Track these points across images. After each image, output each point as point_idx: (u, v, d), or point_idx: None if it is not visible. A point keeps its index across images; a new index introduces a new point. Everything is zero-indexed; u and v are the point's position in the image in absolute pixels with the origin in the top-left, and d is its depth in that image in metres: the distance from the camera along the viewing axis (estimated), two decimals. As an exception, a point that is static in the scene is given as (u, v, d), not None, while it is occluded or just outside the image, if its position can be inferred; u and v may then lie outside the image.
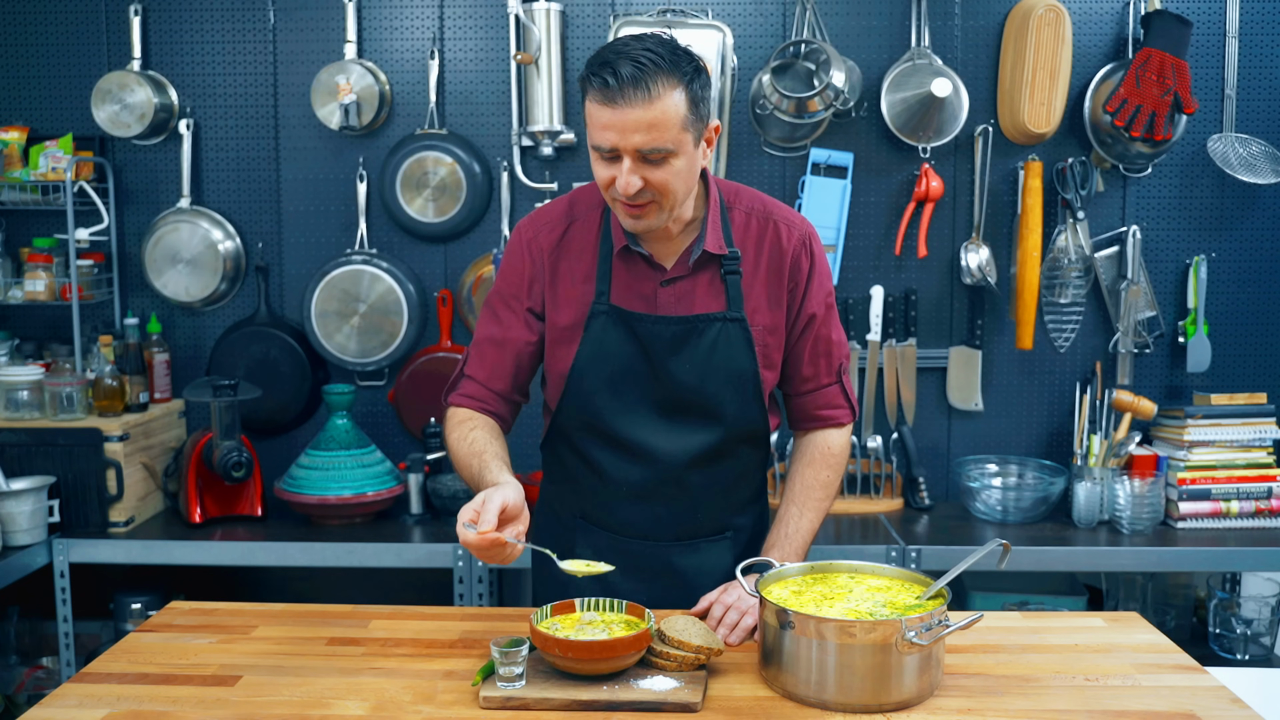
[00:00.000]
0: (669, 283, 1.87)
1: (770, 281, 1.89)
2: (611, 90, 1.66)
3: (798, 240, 1.90)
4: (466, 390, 1.95)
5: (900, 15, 3.18)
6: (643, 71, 1.65)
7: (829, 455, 1.99)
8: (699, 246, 1.85)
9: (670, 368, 1.87)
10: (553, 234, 1.91)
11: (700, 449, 1.91)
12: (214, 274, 3.26)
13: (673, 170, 1.71)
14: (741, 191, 1.93)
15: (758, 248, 1.89)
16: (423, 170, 3.20)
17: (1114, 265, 3.22)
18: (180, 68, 3.28)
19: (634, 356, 1.87)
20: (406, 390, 3.29)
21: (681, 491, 1.93)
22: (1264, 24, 3.18)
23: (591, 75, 1.68)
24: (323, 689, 1.63)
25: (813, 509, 1.96)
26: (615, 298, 1.87)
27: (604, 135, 1.69)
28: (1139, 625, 1.90)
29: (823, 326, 1.94)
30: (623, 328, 1.87)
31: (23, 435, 2.93)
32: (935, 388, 3.30)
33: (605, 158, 1.72)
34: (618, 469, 1.92)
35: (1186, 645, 2.29)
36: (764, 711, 1.55)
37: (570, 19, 3.20)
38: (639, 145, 1.67)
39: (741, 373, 1.88)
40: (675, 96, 1.68)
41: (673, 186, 1.73)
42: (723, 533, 2.00)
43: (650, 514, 1.94)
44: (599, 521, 1.98)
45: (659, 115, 1.66)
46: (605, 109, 1.67)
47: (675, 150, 1.70)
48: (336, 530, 2.99)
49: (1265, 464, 3.04)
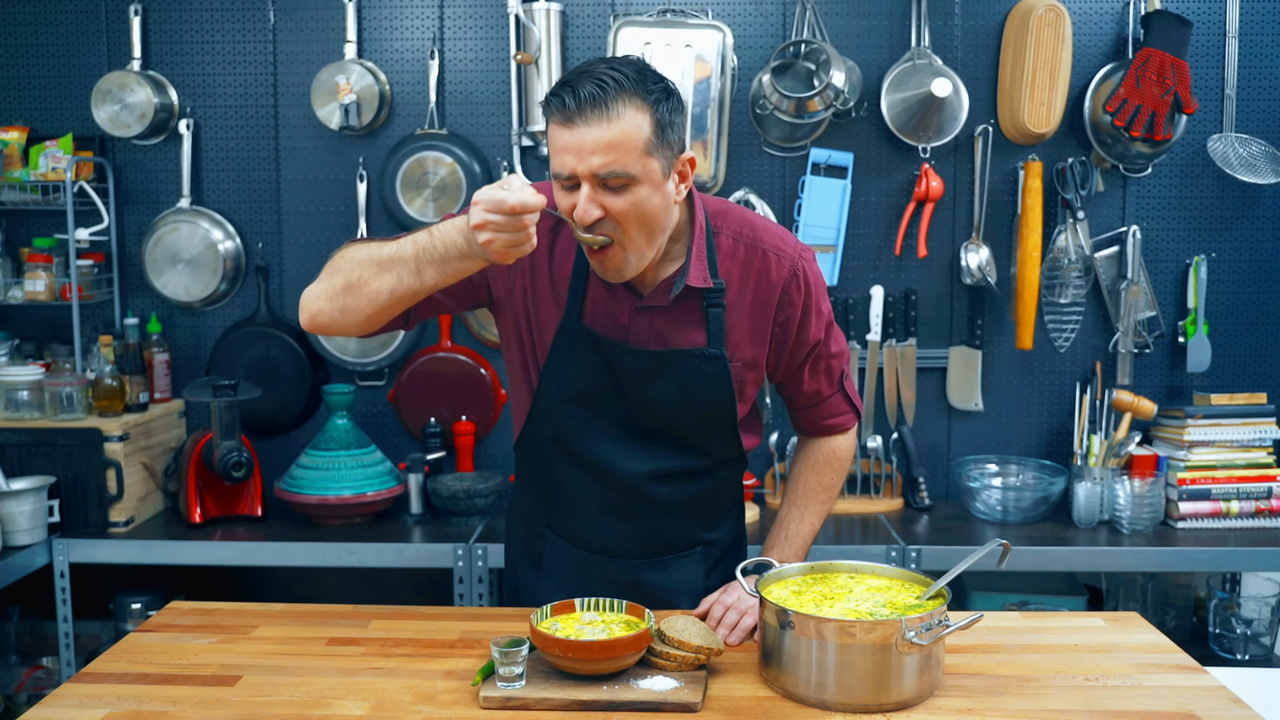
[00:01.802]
0: (645, 309, 1.77)
1: (755, 315, 1.80)
2: (569, 110, 1.56)
3: (788, 272, 1.79)
4: None
5: (900, 15, 3.18)
6: (604, 90, 1.56)
7: (834, 459, 1.99)
8: (681, 279, 1.73)
9: (642, 396, 1.79)
10: (545, 221, 1.76)
11: (667, 469, 1.85)
12: (214, 274, 3.26)
13: (634, 200, 1.59)
14: (729, 212, 1.81)
15: (743, 278, 1.78)
16: (423, 170, 3.20)
17: (1114, 265, 3.22)
18: (180, 68, 3.28)
19: (603, 378, 1.79)
20: (406, 390, 3.29)
21: (649, 509, 1.86)
22: (1264, 24, 3.18)
23: (551, 96, 1.59)
24: (323, 689, 1.63)
25: (814, 511, 1.96)
26: (588, 318, 1.77)
27: (562, 160, 1.59)
28: (1139, 625, 1.90)
29: (824, 347, 1.89)
30: (592, 351, 1.78)
31: (23, 435, 2.93)
32: (935, 388, 3.30)
33: (565, 186, 1.61)
34: (583, 484, 1.86)
35: (1186, 645, 2.28)
36: (764, 711, 1.55)
37: (570, 19, 3.20)
38: (596, 169, 1.56)
39: (716, 404, 1.81)
40: (638, 118, 1.57)
41: (632, 220, 1.61)
42: (691, 548, 1.94)
43: (617, 531, 1.89)
44: (565, 534, 1.93)
45: (618, 136, 1.56)
46: (564, 130, 1.57)
47: (638, 177, 1.59)
48: (336, 530, 2.99)
49: (1265, 464, 3.04)
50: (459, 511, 3.06)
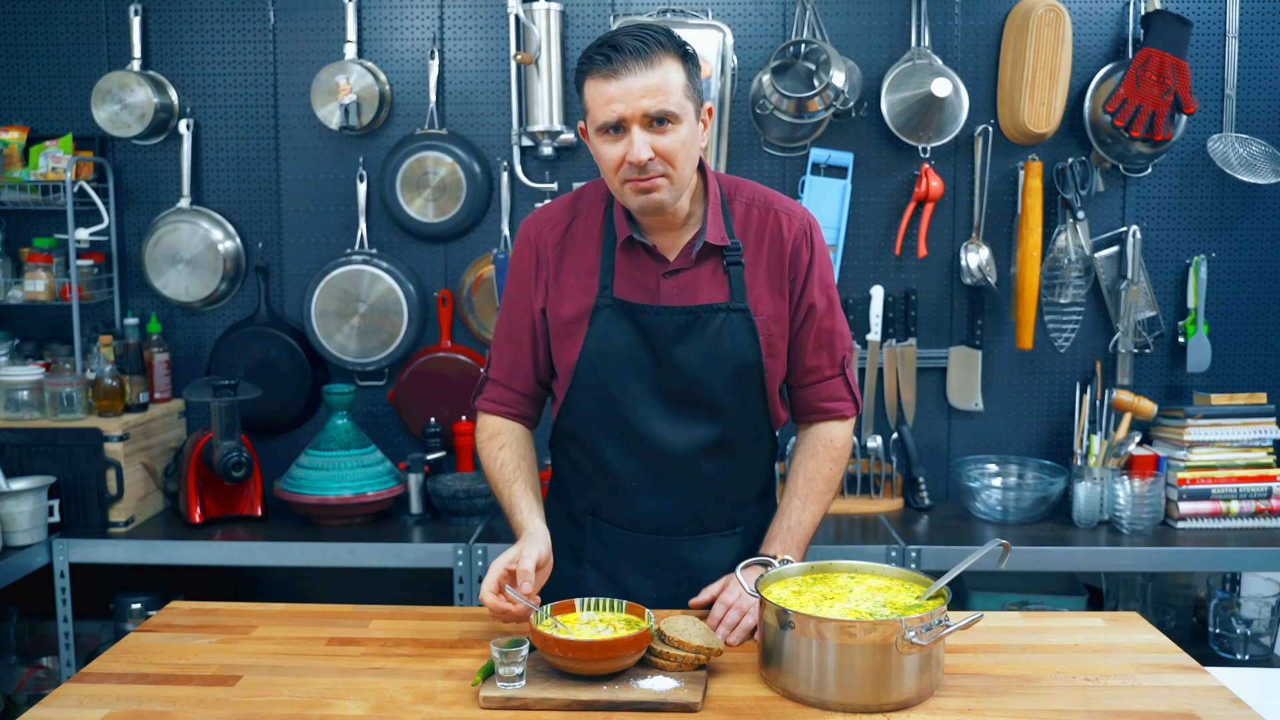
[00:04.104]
0: (672, 274, 1.88)
1: (772, 271, 1.91)
2: (615, 64, 1.72)
3: (799, 230, 1.92)
4: (491, 395, 2.01)
5: (900, 15, 3.18)
6: (645, 45, 1.73)
7: (831, 448, 1.99)
8: (701, 238, 1.87)
9: (675, 358, 1.88)
10: (556, 229, 1.94)
11: (708, 440, 1.92)
12: (214, 274, 3.26)
13: (679, 138, 1.76)
14: (741, 185, 1.95)
15: (758, 238, 1.91)
16: (423, 170, 3.20)
17: (1114, 265, 3.22)
18: (180, 68, 3.28)
19: (638, 348, 1.88)
20: (406, 390, 3.29)
21: (691, 483, 1.94)
22: (1264, 24, 3.18)
23: (593, 55, 1.74)
24: (323, 689, 1.63)
25: (815, 501, 1.96)
26: (618, 290, 1.88)
27: (610, 109, 1.73)
28: (1139, 625, 1.90)
29: (825, 318, 1.94)
30: (627, 320, 1.88)
31: (23, 435, 2.94)
32: (935, 388, 3.30)
33: (612, 135, 1.76)
34: (627, 462, 1.93)
35: (1186, 645, 2.28)
36: (764, 711, 1.55)
37: (570, 19, 3.20)
38: (647, 109, 1.72)
39: (746, 363, 1.89)
40: (674, 67, 1.75)
41: (679, 156, 1.76)
42: (733, 528, 2.00)
43: (660, 507, 1.95)
44: (610, 517, 1.99)
45: (662, 80, 1.73)
46: (609, 82, 1.73)
47: (680, 115, 1.75)
48: (336, 530, 2.99)
49: (1265, 464, 3.04)
50: (459, 511, 3.06)
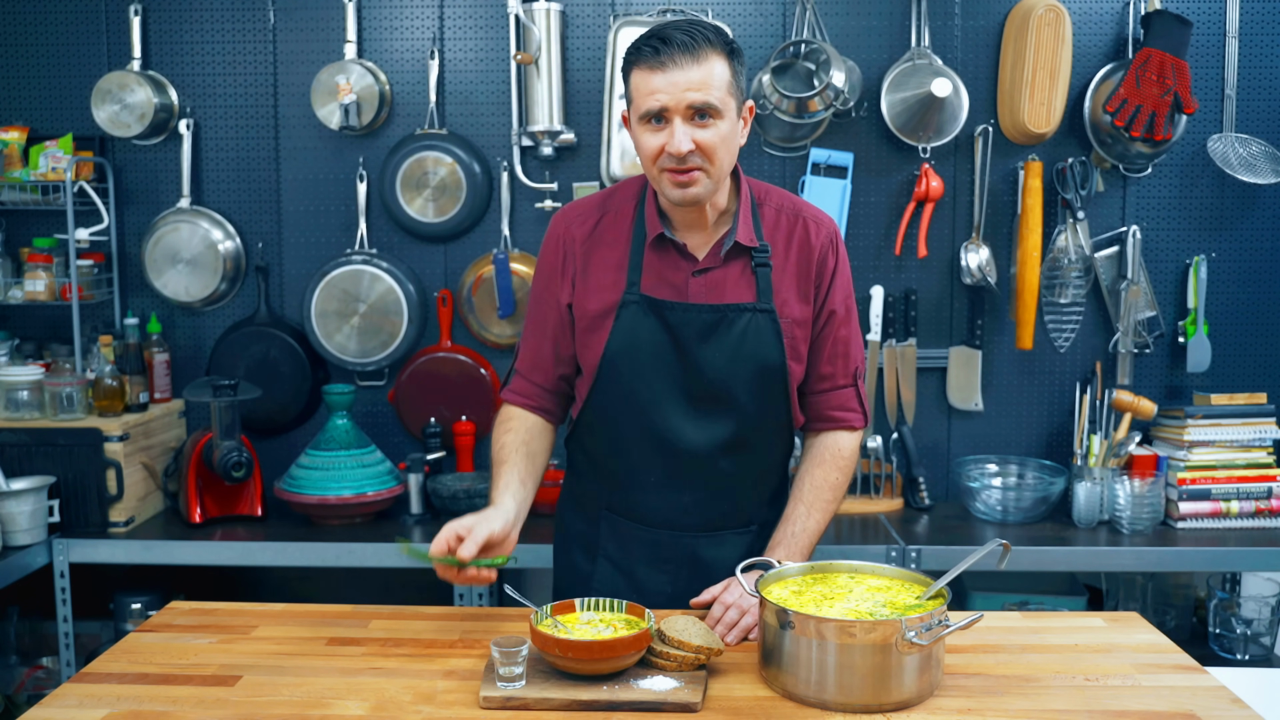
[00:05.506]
0: (700, 273, 1.90)
1: (799, 276, 1.93)
2: (662, 56, 1.75)
3: (825, 237, 1.95)
4: (515, 386, 2.04)
5: (900, 15, 3.18)
6: (694, 39, 1.75)
7: (839, 457, 2.01)
8: (730, 238, 1.90)
9: (699, 356, 1.89)
10: (585, 225, 1.96)
11: (727, 437, 1.93)
12: (214, 274, 3.26)
13: (719, 134, 1.77)
14: (771, 190, 1.99)
15: (787, 243, 1.94)
16: (423, 170, 3.20)
17: (1114, 265, 3.22)
18: (180, 68, 3.28)
19: (664, 345, 1.90)
20: (406, 390, 3.29)
21: (708, 480, 1.96)
22: (1264, 24, 3.18)
23: (641, 46, 1.77)
24: (323, 689, 1.63)
25: (820, 509, 1.97)
26: (646, 287, 1.91)
27: (654, 99, 1.76)
28: (1139, 625, 1.90)
29: (842, 326, 1.97)
30: (653, 317, 1.90)
31: (23, 435, 2.93)
32: (935, 388, 3.30)
33: (654, 125, 1.78)
34: (646, 457, 1.95)
35: (1186, 645, 2.28)
36: (764, 711, 1.55)
37: (570, 19, 3.20)
38: (691, 102, 1.74)
39: (769, 363, 1.91)
40: (720, 63, 1.77)
41: (719, 151, 1.78)
42: (748, 525, 2.02)
43: (677, 502, 1.97)
44: (625, 512, 2.01)
45: (708, 75, 1.75)
46: (656, 74, 1.75)
47: (721, 111, 1.77)
48: (336, 530, 2.99)
49: (1265, 464, 3.04)
50: (459, 511, 3.02)
